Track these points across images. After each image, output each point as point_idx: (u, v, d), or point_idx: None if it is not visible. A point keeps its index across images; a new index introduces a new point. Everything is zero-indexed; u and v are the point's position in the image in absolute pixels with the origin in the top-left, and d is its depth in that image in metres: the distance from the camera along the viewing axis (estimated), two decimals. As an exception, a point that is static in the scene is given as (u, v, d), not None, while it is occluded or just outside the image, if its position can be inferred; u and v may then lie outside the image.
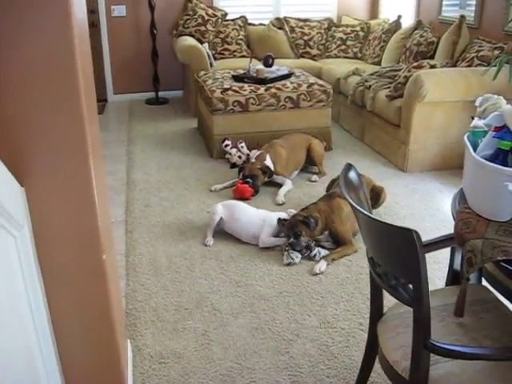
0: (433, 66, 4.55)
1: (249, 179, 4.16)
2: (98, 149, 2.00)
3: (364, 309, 2.84)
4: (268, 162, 4.32)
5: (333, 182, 3.82)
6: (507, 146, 1.80)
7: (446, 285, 2.22)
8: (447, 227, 3.68)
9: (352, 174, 1.74)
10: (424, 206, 4.03)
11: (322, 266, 3.19)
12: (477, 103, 2.02)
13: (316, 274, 3.15)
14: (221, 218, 3.55)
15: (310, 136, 4.79)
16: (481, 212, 1.83)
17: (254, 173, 4.20)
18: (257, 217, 3.55)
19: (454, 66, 4.77)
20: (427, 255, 3.31)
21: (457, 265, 2.12)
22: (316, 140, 4.74)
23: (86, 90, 1.70)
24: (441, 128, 4.54)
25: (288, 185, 4.30)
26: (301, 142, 4.64)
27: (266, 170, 4.25)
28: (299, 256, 3.26)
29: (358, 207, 1.48)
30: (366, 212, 1.43)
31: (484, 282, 2.19)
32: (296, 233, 3.25)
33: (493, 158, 1.84)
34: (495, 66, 4.03)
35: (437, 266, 3.23)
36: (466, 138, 1.98)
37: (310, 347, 2.57)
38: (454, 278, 2.16)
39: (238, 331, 2.67)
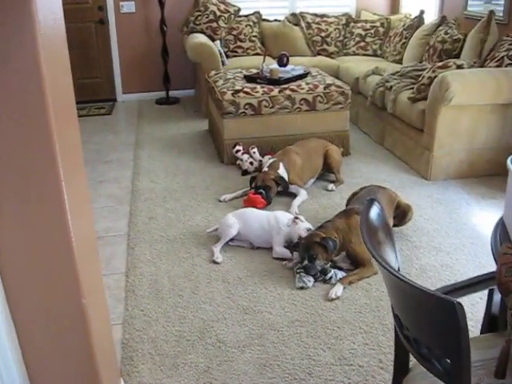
0: (459, 66, 4.22)
1: (261, 190, 3.87)
2: (77, 173, 1.72)
3: (384, 342, 2.56)
4: (281, 170, 4.03)
5: (354, 195, 3.52)
6: (562, 176, 1.50)
7: (482, 331, 1.92)
8: (475, 245, 3.39)
9: (373, 213, 1.45)
10: (449, 220, 3.72)
11: (338, 290, 2.91)
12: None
13: (332, 300, 2.86)
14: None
15: (326, 141, 4.50)
16: (528, 254, 1.54)
17: (266, 184, 3.91)
18: (265, 222, 3.35)
19: (482, 65, 4.44)
20: (447, 277, 3.02)
21: (495, 308, 1.82)
22: (333, 146, 4.45)
23: (57, 110, 1.44)
24: (467, 133, 4.22)
25: (302, 195, 4.01)
26: (317, 148, 4.35)
27: (279, 181, 3.96)
28: (312, 280, 2.97)
29: (383, 262, 1.20)
30: (394, 272, 1.15)
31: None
32: (311, 256, 2.96)
33: (543, 191, 1.55)
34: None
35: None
36: (509, 162, 1.68)
37: (324, 389, 2.29)
38: (491, 323, 1.87)
39: (244, 368, 2.40)
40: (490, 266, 3.16)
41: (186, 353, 2.49)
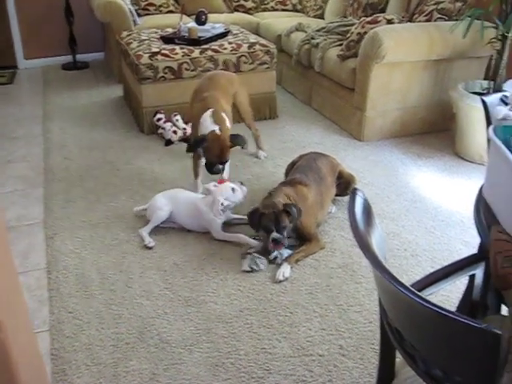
0: (390, 21, 4.04)
1: (221, 166, 3.17)
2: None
3: (341, 325, 2.38)
4: (228, 122, 3.22)
5: (293, 164, 3.27)
6: None
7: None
8: (418, 209, 3.29)
9: (359, 205, 1.22)
10: (388, 183, 3.58)
11: (285, 270, 2.69)
12: (506, 87, 1.54)
13: (280, 282, 2.65)
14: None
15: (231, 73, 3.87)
16: (525, 239, 1.36)
17: (226, 158, 3.16)
18: (193, 207, 3.03)
19: (411, 20, 4.27)
20: (395, 247, 2.88)
21: (477, 295, 1.66)
22: (235, 75, 3.81)
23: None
24: (400, 91, 4.07)
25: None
26: (226, 84, 3.56)
27: (236, 141, 3.16)
28: (265, 262, 2.73)
29: (388, 275, 0.97)
30: (412, 295, 0.92)
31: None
32: (282, 227, 2.71)
33: (540, 167, 1.36)
34: (462, 20, 3.58)
35: (415, 261, 2.80)
36: (491, 133, 1.49)
37: (285, 386, 2.08)
38: (471, 309, 1.71)
39: (194, 370, 2.15)
40: (436, 230, 3.07)
41: (126, 359, 2.20)
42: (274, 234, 2.71)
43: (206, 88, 3.44)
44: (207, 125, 3.15)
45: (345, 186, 3.20)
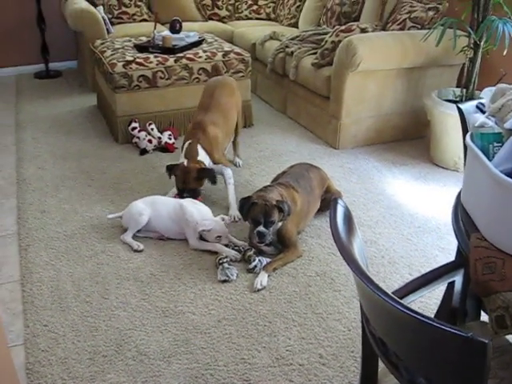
0: (363, 30, 4.07)
1: (186, 194, 3.24)
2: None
3: (321, 333, 2.37)
4: (202, 155, 3.31)
5: (283, 173, 3.23)
6: (540, 158, 1.33)
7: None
8: (395, 216, 3.30)
9: (340, 215, 1.21)
10: (365, 191, 3.60)
11: (263, 279, 2.67)
12: (482, 95, 1.55)
13: (258, 290, 2.63)
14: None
15: (230, 77, 3.95)
16: (503, 246, 1.37)
17: (191, 187, 3.24)
18: (172, 211, 3.02)
19: (384, 29, 4.31)
20: (373, 254, 2.89)
21: (456, 301, 1.66)
22: (234, 83, 3.83)
23: None
24: (374, 99, 4.10)
25: (230, 181, 3.42)
26: (229, 102, 3.66)
27: (203, 175, 3.25)
28: (235, 273, 2.71)
29: (373, 286, 0.96)
30: (398, 305, 0.91)
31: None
32: (271, 221, 2.72)
33: (518, 175, 1.37)
34: (435, 29, 3.62)
35: (393, 269, 2.81)
36: (469, 140, 1.50)
37: (265, 397, 2.07)
38: (450, 316, 1.71)
39: (173, 383, 2.12)
40: (412, 237, 3.08)
41: (104, 372, 2.16)
42: (261, 228, 2.73)
43: (206, 106, 3.53)
44: (182, 154, 3.36)
45: (330, 201, 3.18)
